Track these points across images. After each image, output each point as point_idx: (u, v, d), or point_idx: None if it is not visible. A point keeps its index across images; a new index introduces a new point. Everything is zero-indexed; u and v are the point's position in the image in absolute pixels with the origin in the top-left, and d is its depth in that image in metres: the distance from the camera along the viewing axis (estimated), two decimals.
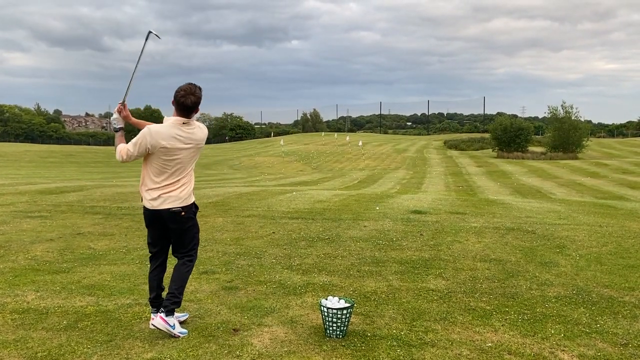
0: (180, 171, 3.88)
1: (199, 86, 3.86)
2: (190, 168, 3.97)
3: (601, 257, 6.35)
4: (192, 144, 3.87)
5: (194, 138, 3.87)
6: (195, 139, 3.89)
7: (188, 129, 3.84)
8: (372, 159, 48.27)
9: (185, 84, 3.82)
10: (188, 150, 3.86)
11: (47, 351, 3.52)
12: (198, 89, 3.84)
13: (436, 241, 7.12)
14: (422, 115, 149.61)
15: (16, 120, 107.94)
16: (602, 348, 3.69)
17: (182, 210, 3.86)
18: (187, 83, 3.83)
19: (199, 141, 3.93)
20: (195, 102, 3.81)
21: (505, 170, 36.26)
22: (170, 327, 3.74)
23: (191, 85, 3.82)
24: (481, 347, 3.67)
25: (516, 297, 4.82)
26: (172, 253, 4.08)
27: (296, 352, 3.55)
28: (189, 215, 3.94)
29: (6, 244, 6.75)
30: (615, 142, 64.29)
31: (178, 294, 3.90)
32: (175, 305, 3.87)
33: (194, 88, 3.82)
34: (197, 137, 3.90)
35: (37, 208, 9.86)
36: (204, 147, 4.08)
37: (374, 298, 4.74)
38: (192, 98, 3.78)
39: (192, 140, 3.87)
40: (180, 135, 3.80)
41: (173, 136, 3.77)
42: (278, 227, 8.04)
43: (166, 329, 3.73)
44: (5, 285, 5.00)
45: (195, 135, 3.89)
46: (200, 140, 3.95)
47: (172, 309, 3.83)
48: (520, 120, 57.61)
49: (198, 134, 3.91)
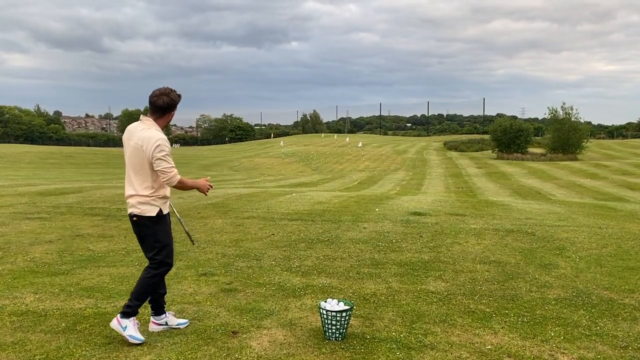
0: (129, 173, 3.79)
1: (175, 91, 3.83)
2: (141, 173, 3.73)
3: (601, 259, 6.34)
4: (133, 141, 3.72)
5: (137, 135, 3.72)
6: (138, 136, 3.71)
7: (140, 126, 3.77)
8: (372, 160, 48.26)
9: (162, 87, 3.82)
10: (129, 147, 3.74)
11: (46, 354, 3.51)
12: (174, 92, 3.81)
13: (436, 243, 7.11)
14: (422, 116, 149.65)
15: (16, 122, 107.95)
16: (602, 350, 3.68)
17: (134, 215, 3.79)
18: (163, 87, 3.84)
19: (140, 140, 3.68)
20: (168, 103, 3.75)
21: (505, 171, 36.25)
22: (121, 328, 3.69)
23: (167, 88, 3.81)
24: (481, 350, 3.66)
25: (516, 299, 4.81)
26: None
27: (295, 354, 3.54)
28: (143, 222, 3.79)
29: (5, 246, 6.74)
30: (615, 144, 64.27)
31: (134, 299, 3.77)
32: (128, 310, 3.74)
33: (169, 90, 3.80)
34: (140, 135, 3.71)
35: (36, 209, 9.86)
36: (151, 153, 3.66)
37: (374, 300, 4.73)
38: (165, 99, 3.74)
39: (134, 137, 3.72)
40: (129, 130, 3.80)
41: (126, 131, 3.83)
42: (277, 229, 8.03)
43: (118, 330, 3.70)
44: (3, 287, 4.99)
45: (140, 133, 3.72)
46: (141, 140, 3.68)
47: (126, 312, 3.74)
48: (520, 122, 57.52)
49: (143, 133, 3.71)
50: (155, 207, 3.77)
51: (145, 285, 3.81)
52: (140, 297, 3.79)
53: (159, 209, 3.79)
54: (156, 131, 3.75)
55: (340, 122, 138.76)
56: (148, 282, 3.81)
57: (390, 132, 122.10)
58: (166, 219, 3.89)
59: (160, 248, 3.82)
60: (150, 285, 3.83)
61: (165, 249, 3.84)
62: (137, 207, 3.76)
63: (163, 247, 3.83)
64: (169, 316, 4.02)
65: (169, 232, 3.91)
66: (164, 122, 3.86)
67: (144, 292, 3.81)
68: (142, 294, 3.81)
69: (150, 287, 3.84)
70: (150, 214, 3.76)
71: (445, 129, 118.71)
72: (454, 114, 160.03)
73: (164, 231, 3.85)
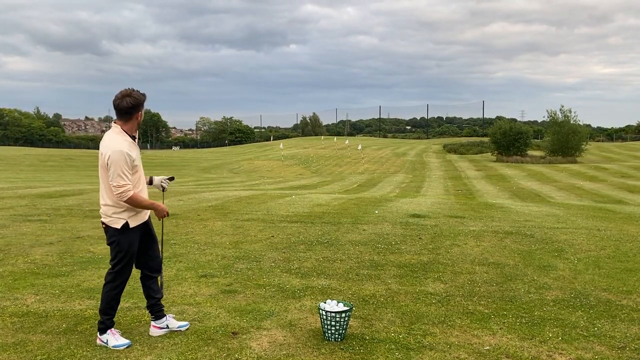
0: (100, 181, 3.76)
1: (139, 90, 3.72)
2: (107, 182, 3.68)
3: (599, 260, 6.37)
4: (100, 149, 3.71)
5: (102, 142, 3.71)
6: (102, 144, 3.70)
7: (108, 133, 3.74)
8: (372, 163, 48.28)
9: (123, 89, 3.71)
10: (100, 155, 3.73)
11: (47, 354, 3.53)
12: (136, 91, 3.69)
13: (435, 245, 7.13)
14: (421, 119, 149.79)
15: (16, 124, 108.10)
16: (600, 351, 3.71)
17: (103, 223, 3.78)
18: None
19: (102, 148, 3.66)
20: (133, 104, 3.65)
21: (504, 174, 36.28)
22: (103, 344, 3.69)
23: (129, 89, 3.69)
24: (479, 350, 3.68)
25: (514, 300, 4.83)
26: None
27: (295, 355, 3.56)
28: (109, 231, 3.74)
29: (6, 248, 6.76)
30: (614, 146, 64.36)
31: (102, 314, 3.76)
32: (102, 326, 3.74)
33: (131, 90, 3.69)
34: (103, 142, 3.69)
35: (36, 212, 9.87)
36: (105, 164, 3.61)
37: (373, 301, 4.76)
38: (128, 100, 3.65)
39: (101, 145, 3.71)
40: (103, 136, 3.78)
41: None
42: (277, 231, 8.05)
43: (103, 346, 3.69)
44: (4, 289, 5.01)
45: (104, 141, 3.70)
46: (102, 147, 3.66)
47: (102, 329, 3.74)
48: (519, 124, 57.62)
49: (105, 141, 3.68)
50: (120, 219, 3.69)
51: (108, 299, 3.77)
52: (107, 312, 3.77)
53: (124, 221, 3.69)
54: (116, 140, 3.63)
55: (339, 125, 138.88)
56: (109, 296, 3.78)
57: (389, 134, 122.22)
58: (134, 231, 3.76)
59: (120, 259, 3.74)
60: (113, 299, 3.78)
61: (124, 260, 3.75)
62: (105, 216, 3.74)
63: (122, 258, 3.74)
64: (170, 319, 4.03)
65: (133, 244, 3.77)
66: (132, 125, 3.73)
67: (108, 307, 3.78)
68: (108, 308, 3.78)
69: (113, 300, 3.79)
70: (115, 225, 3.71)
71: (445, 132, 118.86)
72: (454, 116, 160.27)
73: (127, 243, 3.73)
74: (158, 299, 4.02)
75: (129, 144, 3.67)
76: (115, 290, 3.80)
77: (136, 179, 3.74)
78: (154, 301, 3.99)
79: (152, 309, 3.99)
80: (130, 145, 3.69)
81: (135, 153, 3.72)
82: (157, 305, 4.00)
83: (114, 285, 3.78)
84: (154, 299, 3.99)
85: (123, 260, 3.76)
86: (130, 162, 3.63)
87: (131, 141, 3.73)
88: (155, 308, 3.99)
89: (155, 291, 4.01)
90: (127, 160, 3.60)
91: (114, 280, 3.78)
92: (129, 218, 3.73)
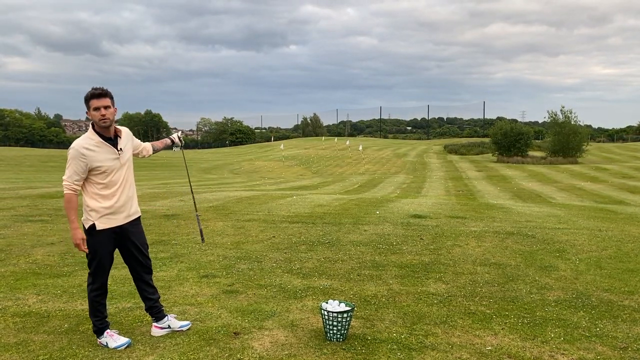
0: None
1: (96, 87, 3.60)
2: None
3: (601, 261, 6.36)
4: None
5: None
6: None
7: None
8: (372, 164, 48.28)
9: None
10: None
11: (49, 354, 3.53)
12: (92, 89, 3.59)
13: (436, 245, 7.13)
14: (422, 119, 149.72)
15: (17, 125, 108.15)
16: (602, 351, 3.70)
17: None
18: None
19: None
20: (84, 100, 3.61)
21: (505, 174, 36.26)
22: (104, 346, 3.68)
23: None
24: (481, 351, 3.68)
25: (516, 300, 4.83)
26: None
27: (297, 355, 3.56)
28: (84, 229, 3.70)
29: (7, 248, 6.77)
30: (615, 147, 64.30)
31: (92, 317, 3.76)
32: (96, 329, 3.74)
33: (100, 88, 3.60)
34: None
35: (37, 212, 9.88)
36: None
37: (374, 302, 4.76)
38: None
39: None
40: None
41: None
42: (278, 231, 8.06)
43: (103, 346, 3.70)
44: (6, 289, 5.01)
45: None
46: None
47: (97, 332, 3.74)
48: (520, 125, 57.53)
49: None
50: (88, 220, 3.65)
51: (91, 301, 3.75)
52: (95, 314, 3.76)
53: (91, 222, 3.63)
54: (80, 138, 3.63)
55: (340, 126, 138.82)
56: (90, 298, 3.75)
57: (390, 135, 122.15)
58: (101, 235, 3.66)
59: (89, 260, 3.71)
60: (95, 301, 3.75)
61: (94, 262, 3.69)
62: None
63: (91, 260, 3.69)
64: (171, 319, 4.02)
65: (101, 247, 3.67)
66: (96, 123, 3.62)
67: (94, 309, 3.76)
68: (94, 310, 3.76)
69: (96, 303, 3.75)
70: (85, 225, 3.68)
71: (446, 132, 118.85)
72: (454, 117, 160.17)
73: (93, 245, 3.65)
74: (155, 299, 3.98)
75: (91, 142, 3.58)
76: (95, 293, 3.73)
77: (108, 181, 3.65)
78: (151, 302, 3.96)
79: (151, 311, 3.98)
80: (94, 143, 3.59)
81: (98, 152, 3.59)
82: (156, 307, 3.98)
83: (93, 287, 3.74)
84: (151, 300, 3.96)
85: (92, 262, 3.70)
86: (83, 161, 3.53)
87: (99, 140, 3.61)
88: (154, 310, 3.97)
89: (150, 292, 3.97)
90: (76, 155, 3.52)
91: (92, 282, 3.74)
92: (97, 220, 3.63)
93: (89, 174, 3.61)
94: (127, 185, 3.79)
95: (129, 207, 3.80)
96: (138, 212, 3.93)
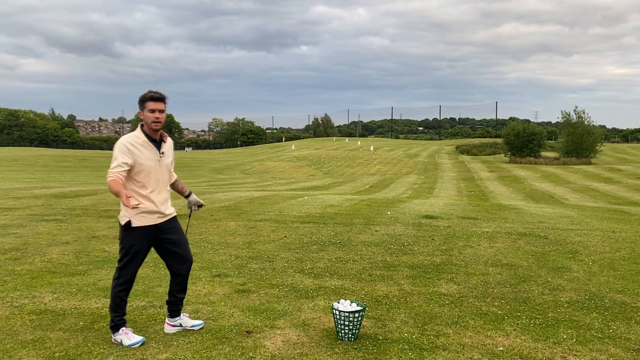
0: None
1: (153, 90, 3.82)
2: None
3: (614, 262, 6.32)
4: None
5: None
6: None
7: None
8: (384, 164, 48.21)
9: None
10: None
11: (65, 351, 3.59)
12: (148, 91, 3.80)
13: (448, 246, 7.12)
14: (433, 120, 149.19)
15: (31, 125, 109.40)
16: (615, 353, 3.69)
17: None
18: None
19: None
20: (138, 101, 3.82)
21: (517, 175, 36.03)
22: (118, 343, 3.73)
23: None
24: (493, 351, 3.68)
25: (528, 302, 4.82)
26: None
27: (308, 354, 3.59)
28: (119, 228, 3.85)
29: (23, 247, 6.87)
30: (629, 147, 63.62)
31: (111, 312, 3.81)
32: (112, 325, 3.80)
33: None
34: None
35: (52, 212, 10.01)
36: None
37: (386, 302, 4.77)
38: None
39: None
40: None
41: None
42: (290, 231, 8.09)
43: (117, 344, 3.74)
44: (22, 287, 5.10)
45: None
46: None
47: (113, 328, 3.79)
48: (533, 125, 57.17)
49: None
50: (124, 217, 3.75)
51: (114, 296, 3.81)
52: (115, 309, 3.80)
53: (127, 219, 3.73)
54: (126, 135, 3.79)
55: (351, 126, 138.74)
56: (114, 293, 3.81)
57: (401, 135, 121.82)
58: (137, 231, 3.75)
59: (122, 256, 3.79)
60: (118, 296, 3.80)
61: (125, 258, 3.78)
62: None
63: (124, 256, 3.78)
64: (184, 318, 4.07)
65: (135, 244, 3.77)
66: (145, 124, 3.79)
67: (116, 305, 3.81)
68: (115, 306, 3.81)
69: (119, 298, 3.80)
70: (121, 222, 3.78)
71: (457, 133, 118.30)
72: (466, 117, 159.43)
73: (128, 242, 3.76)
74: (180, 299, 4.04)
75: (137, 140, 3.72)
76: (119, 288, 3.80)
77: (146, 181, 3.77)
78: (173, 299, 4.03)
79: (170, 307, 4.03)
80: (139, 142, 3.72)
81: (142, 151, 3.72)
82: (175, 304, 4.03)
83: (118, 282, 3.81)
84: (175, 297, 4.03)
85: (124, 259, 3.78)
86: (129, 155, 3.66)
87: (145, 140, 3.75)
88: (173, 306, 4.03)
89: (179, 290, 4.03)
90: (122, 149, 3.66)
91: (119, 277, 3.82)
92: (133, 217, 3.73)
93: (130, 171, 3.71)
94: (163, 188, 3.92)
95: (164, 209, 3.91)
96: (174, 213, 4.04)
